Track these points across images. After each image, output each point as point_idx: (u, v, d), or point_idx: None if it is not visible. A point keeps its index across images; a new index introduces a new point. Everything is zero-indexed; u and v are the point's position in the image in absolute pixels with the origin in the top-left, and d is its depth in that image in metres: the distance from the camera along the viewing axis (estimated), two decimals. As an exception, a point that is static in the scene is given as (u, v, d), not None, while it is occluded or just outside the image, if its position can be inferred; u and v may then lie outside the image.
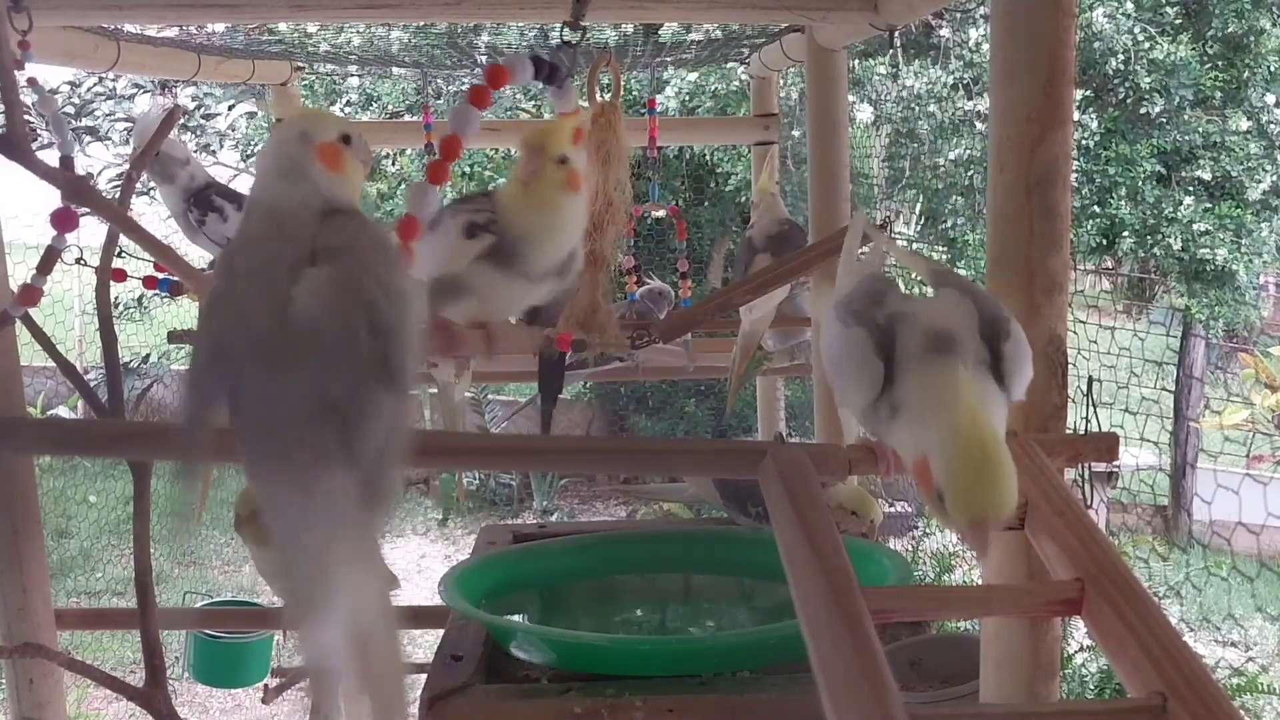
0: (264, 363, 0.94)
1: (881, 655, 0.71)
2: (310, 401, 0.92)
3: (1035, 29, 1.02)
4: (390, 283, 0.98)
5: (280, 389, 0.93)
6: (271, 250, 0.99)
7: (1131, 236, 5.79)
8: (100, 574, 5.77)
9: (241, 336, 0.95)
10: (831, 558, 0.82)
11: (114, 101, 7.21)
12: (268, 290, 0.95)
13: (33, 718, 1.69)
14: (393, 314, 0.96)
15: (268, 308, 0.95)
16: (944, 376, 0.90)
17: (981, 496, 0.84)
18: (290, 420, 0.92)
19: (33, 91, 1.63)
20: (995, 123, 1.06)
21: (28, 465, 1.69)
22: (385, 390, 0.94)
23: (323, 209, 1.01)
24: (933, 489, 0.87)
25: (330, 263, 0.97)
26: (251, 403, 0.94)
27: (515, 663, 1.50)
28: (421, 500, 7.32)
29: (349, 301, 0.95)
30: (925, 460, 0.88)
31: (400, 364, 0.96)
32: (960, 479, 0.84)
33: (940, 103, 5.72)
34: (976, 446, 0.84)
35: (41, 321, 1.68)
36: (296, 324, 0.94)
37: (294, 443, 0.92)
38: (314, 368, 0.93)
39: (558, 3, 1.97)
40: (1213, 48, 5.74)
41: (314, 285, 0.95)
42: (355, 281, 0.96)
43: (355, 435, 0.92)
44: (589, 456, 1.16)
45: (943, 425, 0.87)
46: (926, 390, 0.91)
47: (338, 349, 0.94)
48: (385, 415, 0.93)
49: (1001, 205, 1.06)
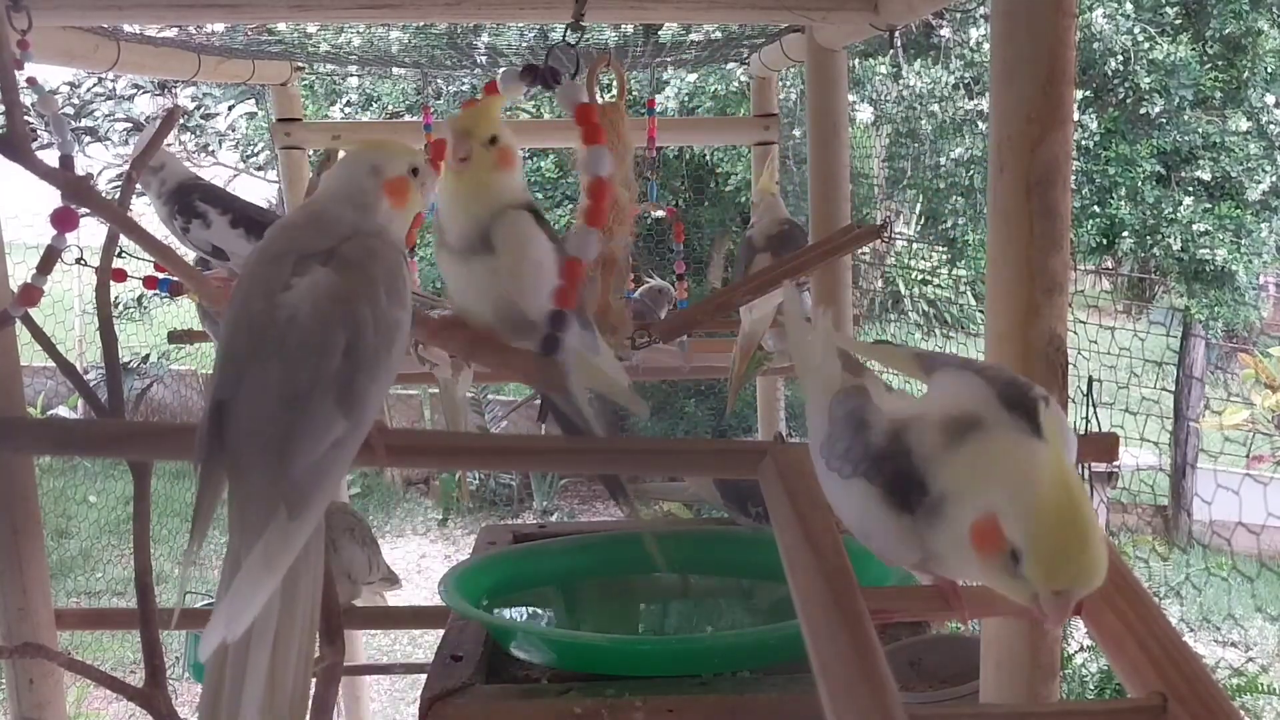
0: (252, 346, 0.94)
1: (881, 655, 0.71)
2: (271, 393, 0.92)
3: (1035, 29, 1.02)
4: (386, 312, 0.98)
5: (257, 373, 0.93)
6: (293, 243, 1.00)
7: (1131, 237, 5.79)
8: (100, 574, 5.77)
9: (243, 318, 0.97)
10: (831, 558, 0.82)
11: (114, 101, 7.22)
12: (273, 275, 0.97)
13: (33, 718, 1.69)
14: (376, 342, 0.96)
15: (267, 292, 0.96)
16: (992, 446, 0.76)
17: (1073, 560, 0.68)
18: (252, 406, 0.92)
19: (33, 91, 1.63)
20: (995, 123, 1.06)
21: (28, 465, 1.68)
22: (339, 413, 0.92)
23: (357, 225, 1.03)
24: (1003, 549, 0.71)
25: (339, 271, 0.97)
26: (236, 381, 0.94)
27: (515, 663, 1.50)
28: (421, 500, 7.32)
29: (337, 314, 0.95)
30: (991, 516, 0.71)
31: (363, 394, 0.94)
32: (1049, 536, 0.68)
33: (941, 102, 5.72)
34: (1066, 496, 0.68)
35: (41, 321, 1.67)
36: (282, 310, 0.94)
37: (247, 430, 0.92)
38: (285, 360, 0.93)
39: (558, 3, 1.97)
40: (1212, 48, 5.74)
41: (313, 282, 0.96)
42: (350, 298, 0.96)
43: (295, 445, 0.90)
44: (589, 456, 1.16)
45: (1014, 475, 0.71)
46: (974, 467, 0.75)
47: (310, 352, 0.93)
48: (332, 437, 0.92)
49: (1001, 205, 1.06)
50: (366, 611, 2.05)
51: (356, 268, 0.98)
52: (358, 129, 4.83)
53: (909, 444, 0.79)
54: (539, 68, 1.30)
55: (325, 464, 0.91)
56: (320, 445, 0.91)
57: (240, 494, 0.92)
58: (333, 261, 0.98)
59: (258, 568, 0.86)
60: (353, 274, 0.98)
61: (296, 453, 0.90)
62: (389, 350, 0.98)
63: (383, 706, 4.74)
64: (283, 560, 0.87)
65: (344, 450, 0.93)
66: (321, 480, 0.91)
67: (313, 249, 0.99)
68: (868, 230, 2.02)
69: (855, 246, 2.12)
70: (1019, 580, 0.70)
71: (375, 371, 0.96)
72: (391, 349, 0.99)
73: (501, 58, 3.28)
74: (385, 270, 1.00)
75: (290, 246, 0.99)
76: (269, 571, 0.86)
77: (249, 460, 0.91)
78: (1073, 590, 0.69)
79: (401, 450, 1.09)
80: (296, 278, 0.96)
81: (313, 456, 0.90)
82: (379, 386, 0.97)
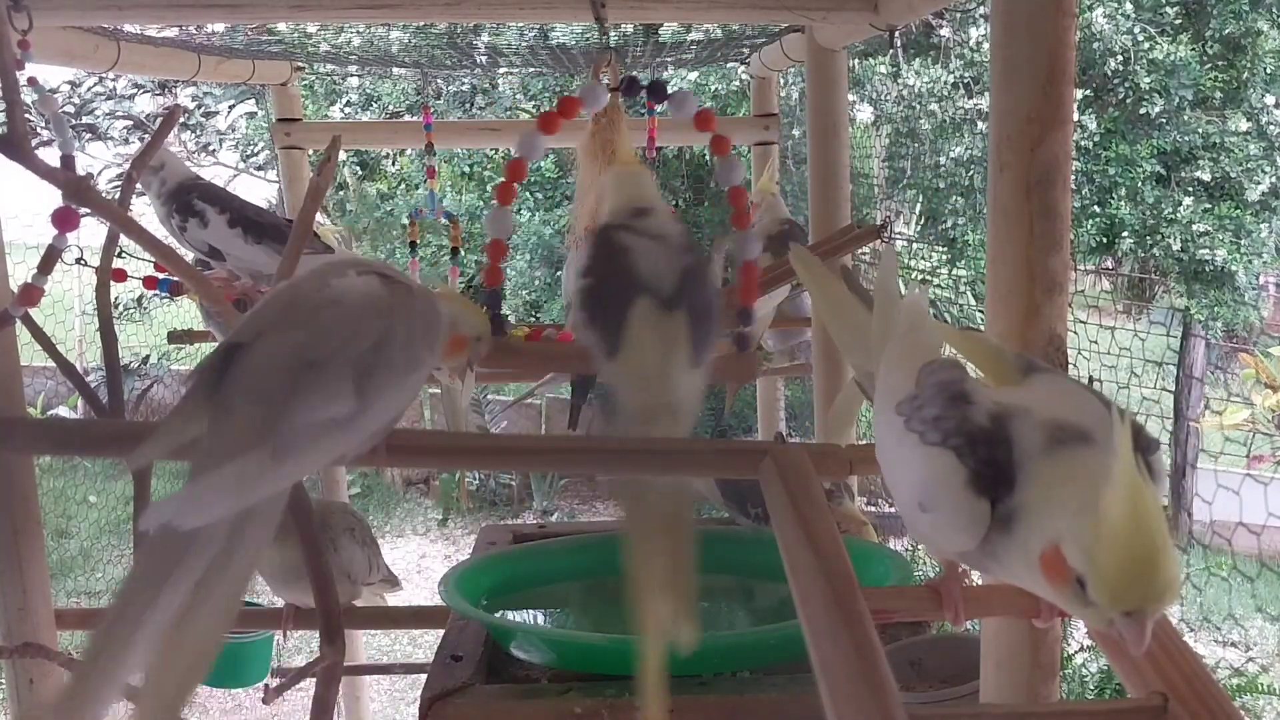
0: (286, 312, 0.96)
1: (881, 655, 0.71)
2: (287, 350, 0.91)
3: (1035, 29, 1.02)
4: (416, 342, 1.01)
5: (283, 334, 0.93)
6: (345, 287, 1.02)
7: (1131, 237, 5.79)
8: (100, 574, 5.77)
9: (285, 293, 0.99)
10: (832, 558, 0.82)
11: (114, 101, 7.22)
12: (331, 275, 1.01)
13: (33, 717, 1.69)
14: (400, 359, 0.97)
15: (320, 284, 0.99)
16: (1088, 464, 0.71)
17: (1137, 581, 0.66)
18: (264, 357, 0.91)
19: (33, 91, 1.63)
20: (995, 123, 1.06)
21: (28, 465, 1.68)
22: (350, 390, 0.91)
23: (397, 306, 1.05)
24: (1068, 578, 0.69)
25: (390, 287, 1.02)
26: (254, 333, 0.93)
27: (515, 663, 1.50)
28: (421, 500, 7.32)
29: (377, 313, 0.98)
30: (1055, 548, 0.70)
31: (379, 389, 0.94)
32: (1109, 559, 0.66)
33: (941, 102, 5.73)
34: (1128, 512, 0.65)
35: (42, 321, 1.67)
36: (328, 291, 0.97)
37: (251, 378, 0.90)
38: (312, 330, 0.93)
39: (558, 3, 1.97)
40: (1212, 48, 5.74)
41: (367, 282, 1.00)
42: (394, 310, 0.99)
43: (296, 401, 0.88)
44: (589, 456, 1.16)
45: (1079, 500, 0.69)
46: (1061, 480, 0.72)
47: (340, 329, 0.94)
48: (334, 410, 0.90)
49: (1001, 205, 1.06)
50: (366, 611, 2.04)
51: (406, 295, 1.03)
52: (358, 129, 4.83)
53: (1011, 433, 0.75)
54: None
55: (319, 433, 0.89)
56: (320, 412, 0.89)
57: (221, 432, 0.87)
58: (389, 282, 1.03)
59: (227, 479, 0.81)
60: (401, 295, 1.02)
61: (295, 409, 0.87)
62: (406, 376, 0.99)
63: (383, 706, 4.74)
64: (251, 490, 0.83)
65: (342, 432, 0.91)
66: (311, 446, 0.88)
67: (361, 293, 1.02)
68: (868, 230, 2.02)
69: (855, 246, 2.12)
70: (1091, 606, 0.68)
71: (392, 379, 0.96)
72: (409, 377, 0.99)
73: (501, 58, 3.28)
74: (426, 318, 1.05)
75: (349, 267, 1.04)
76: (236, 493, 0.82)
77: (242, 403, 0.88)
78: (1144, 611, 0.66)
79: (401, 450, 1.08)
80: (357, 276, 1.01)
81: (309, 418, 0.88)
82: (393, 395, 0.97)
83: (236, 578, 0.86)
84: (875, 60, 5.84)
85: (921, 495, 0.79)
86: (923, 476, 0.79)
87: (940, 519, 0.77)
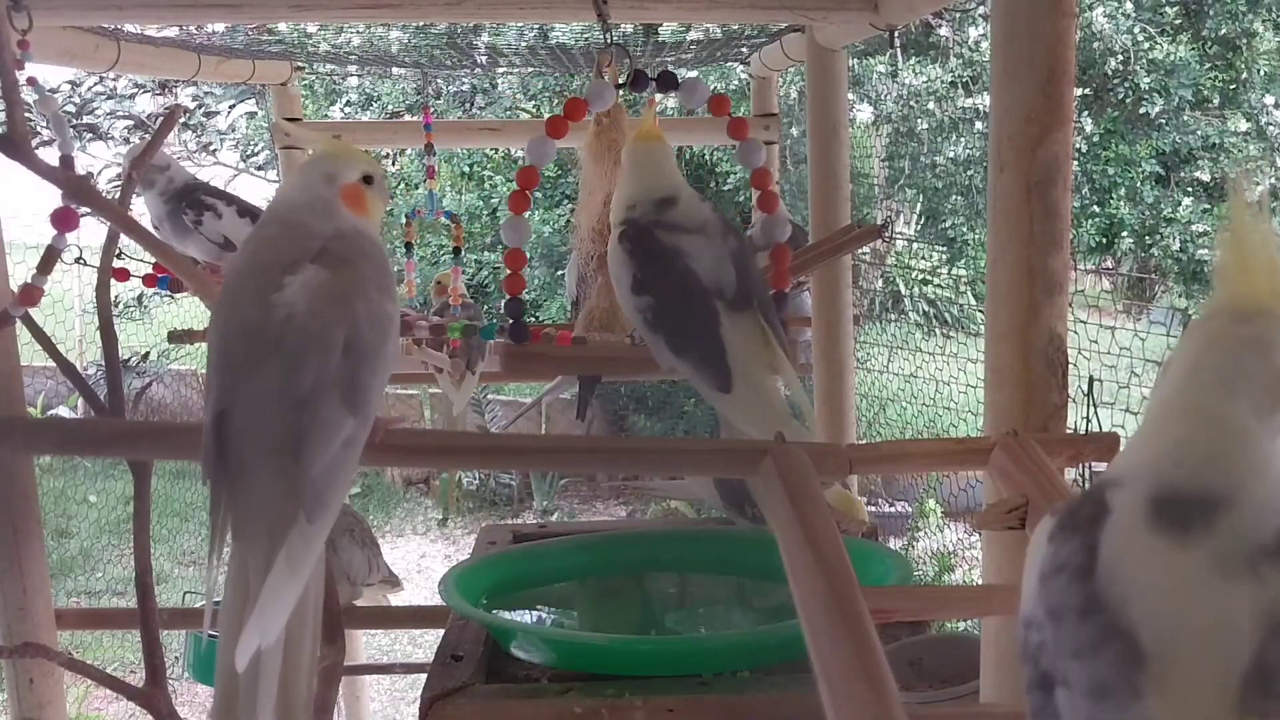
0: (249, 350, 0.94)
1: (881, 655, 0.71)
2: (275, 394, 0.92)
3: (1035, 29, 1.02)
4: (379, 306, 0.98)
5: (257, 376, 0.93)
6: (278, 251, 1.00)
7: (1131, 237, 5.80)
8: (100, 574, 5.77)
9: (235, 325, 0.96)
10: (831, 558, 0.82)
11: (114, 101, 7.22)
12: (264, 282, 0.97)
13: (33, 718, 1.69)
14: (372, 337, 0.96)
15: (259, 297, 0.95)
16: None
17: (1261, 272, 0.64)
18: (255, 411, 0.92)
19: (33, 91, 1.63)
20: (995, 123, 1.06)
21: (28, 465, 1.68)
22: (346, 411, 0.92)
23: (338, 228, 1.03)
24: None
25: (330, 269, 0.97)
26: (234, 387, 0.94)
27: (515, 663, 1.49)
28: (421, 500, 7.32)
29: (334, 311, 0.95)
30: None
31: (366, 390, 0.95)
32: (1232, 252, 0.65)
33: (940, 101, 5.73)
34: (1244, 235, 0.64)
35: (41, 321, 1.67)
36: (278, 310, 0.94)
37: (252, 436, 0.92)
38: (286, 360, 0.93)
39: (558, 3, 1.98)
40: (1212, 48, 5.75)
41: (306, 280, 0.96)
42: (345, 294, 0.96)
43: (309, 448, 0.90)
44: (589, 456, 1.16)
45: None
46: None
47: (310, 349, 0.93)
48: (342, 435, 0.92)
49: (1001, 205, 1.06)
50: (366, 611, 2.04)
51: (347, 265, 0.99)
52: (357, 129, 4.83)
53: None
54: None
55: (338, 464, 0.91)
56: (332, 446, 0.91)
57: (246, 500, 0.91)
58: (322, 259, 0.98)
59: (284, 575, 0.87)
60: (344, 271, 0.98)
61: (312, 456, 0.90)
62: (384, 345, 0.98)
63: (383, 706, 4.73)
64: (306, 565, 0.89)
65: (354, 448, 0.93)
66: (336, 481, 0.91)
67: (299, 253, 0.98)
68: (868, 230, 2.02)
69: (855, 246, 2.12)
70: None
71: (375, 366, 0.96)
72: (386, 344, 0.99)
73: (501, 58, 3.28)
74: (374, 267, 1.01)
75: (275, 256, 0.99)
76: (295, 577, 0.87)
77: (256, 466, 0.91)
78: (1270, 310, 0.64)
79: (401, 450, 1.09)
80: (289, 277, 0.96)
81: (327, 458, 0.90)
82: (379, 382, 0.97)
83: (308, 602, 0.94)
84: (875, 60, 5.85)
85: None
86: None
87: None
